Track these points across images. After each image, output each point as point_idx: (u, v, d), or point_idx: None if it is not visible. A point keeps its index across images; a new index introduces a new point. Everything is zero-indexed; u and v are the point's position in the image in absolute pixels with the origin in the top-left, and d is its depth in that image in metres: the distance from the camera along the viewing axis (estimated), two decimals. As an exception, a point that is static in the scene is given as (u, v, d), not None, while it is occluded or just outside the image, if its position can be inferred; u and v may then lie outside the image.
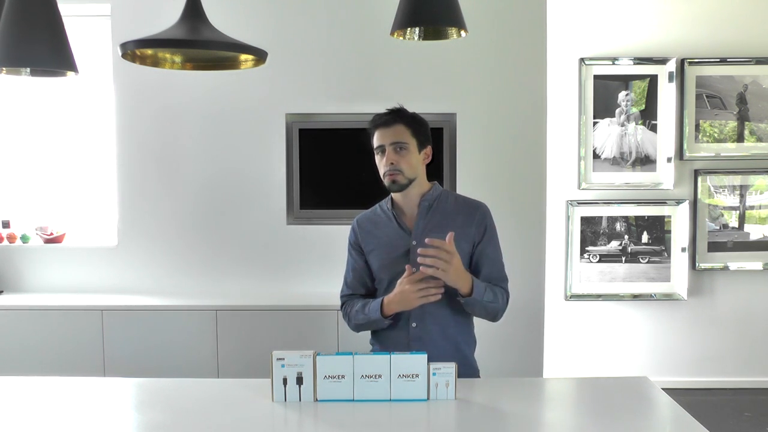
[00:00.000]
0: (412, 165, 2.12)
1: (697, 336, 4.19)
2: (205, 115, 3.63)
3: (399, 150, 2.10)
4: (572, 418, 1.87)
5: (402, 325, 2.14)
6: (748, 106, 4.11)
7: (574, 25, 4.06)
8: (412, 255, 2.10)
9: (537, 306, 3.60)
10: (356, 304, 2.21)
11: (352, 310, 2.21)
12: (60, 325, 3.36)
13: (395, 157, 2.09)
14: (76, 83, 3.72)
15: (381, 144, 2.12)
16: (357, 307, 2.19)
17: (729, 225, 4.17)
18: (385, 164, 2.11)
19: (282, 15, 3.59)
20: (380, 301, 2.11)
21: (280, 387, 1.84)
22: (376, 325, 2.16)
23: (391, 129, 2.11)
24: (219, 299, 3.47)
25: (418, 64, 3.58)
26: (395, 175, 2.10)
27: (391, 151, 2.10)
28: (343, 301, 2.28)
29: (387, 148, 2.10)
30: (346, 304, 2.26)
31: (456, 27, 1.89)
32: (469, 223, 2.15)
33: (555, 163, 4.02)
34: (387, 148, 2.10)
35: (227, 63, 2.15)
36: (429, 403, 1.83)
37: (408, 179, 2.11)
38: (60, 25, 1.88)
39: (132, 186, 3.67)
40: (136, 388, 2.02)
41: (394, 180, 2.10)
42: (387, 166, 2.10)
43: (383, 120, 2.13)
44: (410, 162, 2.11)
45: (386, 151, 2.10)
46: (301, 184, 3.63)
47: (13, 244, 3.71)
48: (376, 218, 2.24)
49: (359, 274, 2.24)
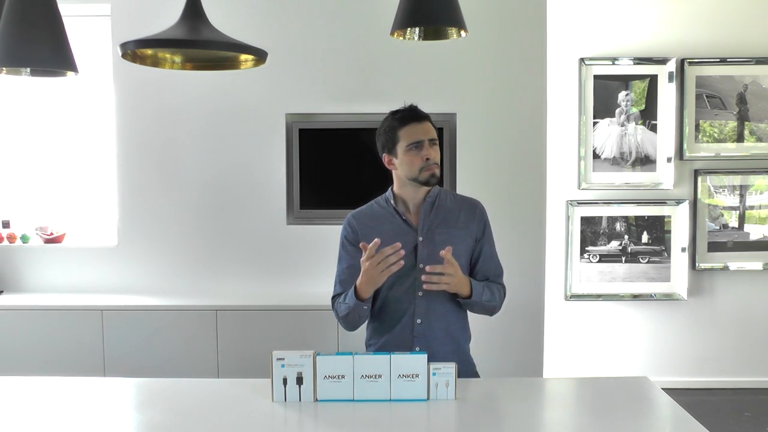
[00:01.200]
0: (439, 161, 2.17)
1: (697, 336, 4.19)
2: (205, 115, 3.63)
3: (433, 145, 2.14)
4: (572, 418, 1.87)
5: (406, 323, 2.14)
6: (748, 106, 4.11)
7: (574, 25, 4.06)
8: (419, 251, 2.12)
9: (537, 306, 3.60)
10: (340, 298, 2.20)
11: (338, 304, 2.19)
12: (60, 325, 3.36)
13: (432, 152, 2.13)
14: (76, 83, 3.72)
15: (420, 139, 2.12)
16: (340, 299, 2.18)
17: (729, 225, 4.17)
18: (423, 158, 2.12)
19: (282, 15, 3.59)
20: (354, 286, 2.10)
21: (280, 387, 1.84)
22: (358, 314, 2.13)
23: (425, 125, 2.14)
24: (219, 299, 3.47)
25: (418, 64, 3.58)
26: (435, 169, 2.13)
27: (428, 146, 2.12)
28: (334, 298, 2.24)
29: (426, 142, 2.12)
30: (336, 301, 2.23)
31: (456, 27, 1.89)
32: (471, 220, 2.20)
33: (555, 163, 4.02)
34: (426, 143, 2.12)
35: (227, 63, 2.15)
36: (429, 403, 1.83)
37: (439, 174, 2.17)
38: (60, 25, 1.88)
39: (132, 186, 3.67)
40: (136, 388, 2.02)
41: (434, 173, 2.13)
42: (425, 161, 2.12)
43: (417, 116, 2.15)
44: (439, 158, 2.16)
45: (424, 145, 2.12)
46: (301, 184, 3.63)
47: (13, 244, 3.71)
48: (375, 214, 2.22)
49: (355, 271, 2.18)
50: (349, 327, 2.21)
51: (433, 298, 2.13)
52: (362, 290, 2.07)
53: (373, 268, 1.99)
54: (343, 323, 2.20)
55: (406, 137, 2.12)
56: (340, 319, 2.21)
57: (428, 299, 2.13)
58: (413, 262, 2.13)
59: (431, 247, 2.12)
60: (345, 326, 2.21)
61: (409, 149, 2.13)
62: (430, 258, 2.11)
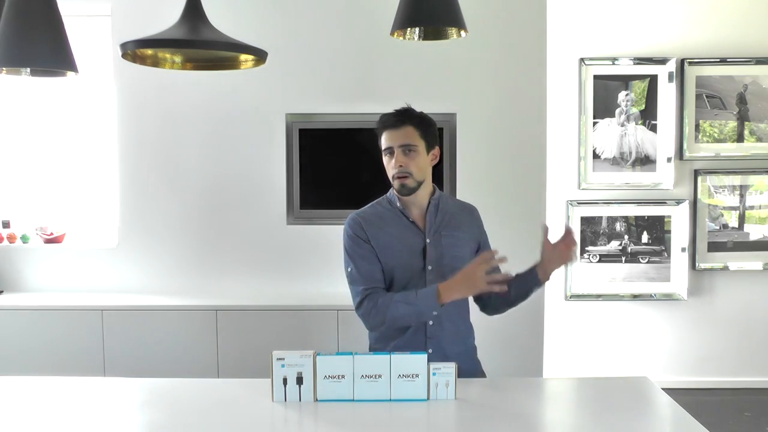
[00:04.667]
0: (421, 167, 2.08)
1: (697, 336, 4.19)
2: (205, 116, 3.62)
3: (408, 152, 2.06)
4: (572, 418, 1.87)
5: (419, 325, 2.10)
6: (748, 106, 4.11)
7: (574, 25, 4.06)
8: (427, 253, 2.10)
9: (537, 306, 3.59)
10: (389, 296, 2.04)
11: (385, 302, 2.02)
12: (60, 325, 3.36)
13: (404, 159, 2.05)
14: (76, 83, 3.71)
15: (389, 146, 2.07)
16: (396, 298, 2.02)
17: (729, 225, 4.17)
18: (393, 166, 2.07)
19: (282, 15, 3.59)
20: (434, 287, 1.99)
21: (280, 387, 1.84)
22: (416, 319, 2.04)
23: (400, 131, 2.06)
24: (219, 299, 3.47)
25: (418, 64, 3.58)
26: (404, 179, 2.06)
27: (399, 153, 2.05)
28: (367, 293, 2.06)
29: (396, 150, 2.06)
30: (369, 297, 2.05)
31: (456, 27, 1.89)
32: (472, 224, 2.21)
33: (555, 163, 4.02)
34: (396, 150, 2.06)
35: (227, 63, 2.16)
36: (429, 403, 1.83)
37: (417, 182, 2.08)
38: (60, 25, 1.88)
39: (132, 186, 3.67)
40: (136, 388, 2.02)
41: (404, 183, 2.07)
42: (396, 168, 2.06)
43: (392, 121, 2.08)
44: (419, 164, 2.07)
45: (395, 153, 2.06)
46: (301, 184, 3.63)
47: (13, 244, 3.71)
48: (380, 214, 2.17)
49: (374, 263, 2.08)
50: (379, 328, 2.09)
51: None
52: (448, 294, 1.98)
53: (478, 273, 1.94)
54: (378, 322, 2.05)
55: (383, 143, 2.10)
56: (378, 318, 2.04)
57: None
58: (422, 264, 2.11)
59: (439, 249, 2.11)
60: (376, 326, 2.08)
61: (384, 155, 2.11)
62: (439, 260, 2.10)
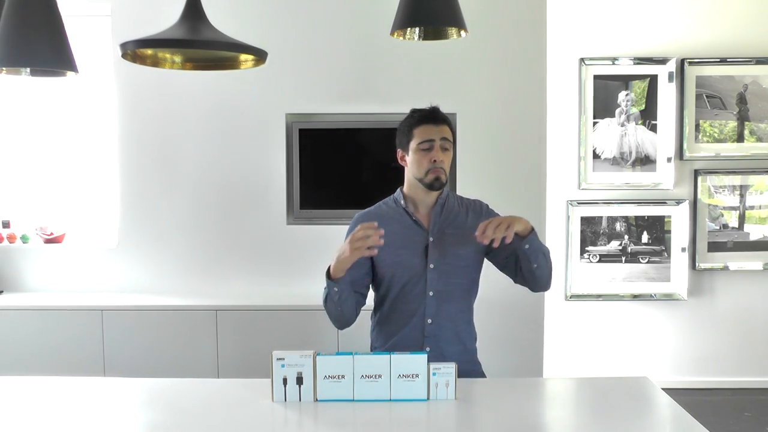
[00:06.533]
0: (448, 167, 2.14)
1: (697, 336, 4.19)
2: (205, 116, 3.62)
3: (444, 149, 2.11)
4: (572, 418, 1.87)
5: (416, 323, 2.13)
6: (748, 106, 4.11)
7: (574, 25, 4.06)
8: (430, 252, 2.12)
9: (537, 306, 3.60)
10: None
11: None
12: (60, 325, 3.36)
13: (441, 155, 2.10)
14: (76, 83, 3.71)
15: (431, 138, 2.09)
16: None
17: (729, 225, 4.17)
18: (430, 160, 2.09)
19: (282, 15, 3.59)
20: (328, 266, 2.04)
21: (280, 387, 1.84)
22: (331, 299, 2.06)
23: (440, 127, 2.11)
24: (219, 299, 3.47)
25: (418, 64, 3.58)
26: (440, 172, 2.10)
27: (438, 148, 2.09)
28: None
29: (437, 143, 2.09)
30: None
31: (456, 27, 1.89)
32: (479, 220, 2.15)
33: (555, 163, 4.02)
34: (436, 143, 2.09)
35: (227, 63, 2.15)
36: (429, 403, 1.83)
37: (446, 179, 2.13)
38: (60, 25, 1.88)
39: (132, 186, 3.66)
40: (136, 388, 2.01)
41: (438, 177, 2.10)
42: (431, 163, 2.09)
43: (433, 116, 2.12)
44: (449, 163, 2.13)
45: (435, 146, 2.09)
46: (301, 184, 3.63)
47: (13, 244, 3.71)
48: (384, 214, 2.20)
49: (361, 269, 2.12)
50: (335, 320, 2.14)
51: (444, 298, 2.13)
52: (334, 268, 2.01)
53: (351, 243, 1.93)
54: (329, 313, 2.13)
55: (419, 135, 2.11)
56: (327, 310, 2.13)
57: (438, 299, 2.13)
58: (424, 263, 2.12)
59: (442, 247, 2.12)
60: (332, 320, 2.15)
61: (419, 148, 2.11)
62: (441, 258, 2.12)
